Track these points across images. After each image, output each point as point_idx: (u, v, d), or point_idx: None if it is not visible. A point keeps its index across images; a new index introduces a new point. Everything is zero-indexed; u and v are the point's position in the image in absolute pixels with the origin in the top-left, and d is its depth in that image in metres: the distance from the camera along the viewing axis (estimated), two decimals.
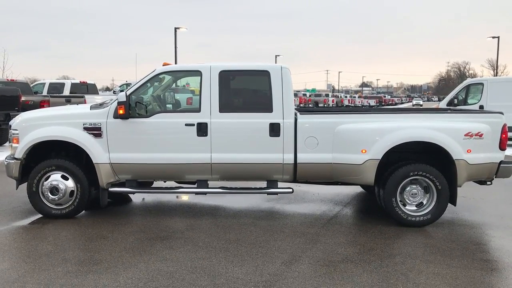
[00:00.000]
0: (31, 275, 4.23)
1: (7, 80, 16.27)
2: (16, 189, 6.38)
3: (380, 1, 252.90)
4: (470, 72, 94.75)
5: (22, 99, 14.00)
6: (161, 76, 6.37)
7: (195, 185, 6.25)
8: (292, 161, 5.94)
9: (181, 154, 5.94)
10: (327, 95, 51.03)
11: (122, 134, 5.98)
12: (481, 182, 6.14)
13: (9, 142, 6.37)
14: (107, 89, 62.48)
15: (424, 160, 5.91)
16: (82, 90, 19.24)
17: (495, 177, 6.00)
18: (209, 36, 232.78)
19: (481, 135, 5.75)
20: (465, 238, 5.44)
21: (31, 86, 17.38)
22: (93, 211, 6.46)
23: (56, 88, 19.24)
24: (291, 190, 6.14)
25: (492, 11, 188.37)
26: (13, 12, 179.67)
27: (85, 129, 5.99)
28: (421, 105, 60.51)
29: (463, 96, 15.67)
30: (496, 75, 47.58)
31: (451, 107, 12.04)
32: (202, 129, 5.91)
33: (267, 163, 5.93)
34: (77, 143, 5.97)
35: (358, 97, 63.24)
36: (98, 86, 24.89)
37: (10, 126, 6.36)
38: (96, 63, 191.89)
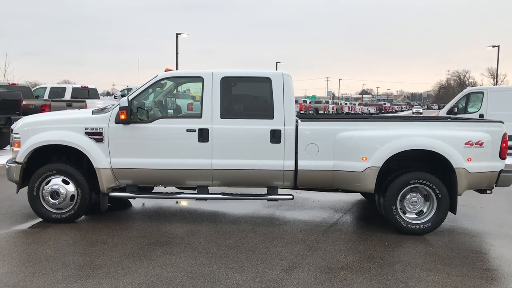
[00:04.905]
0: (31, 280, 4.23)
1: (9, 84, 16.28)
2: (17, 193, 6.39)
3: (381, 10, 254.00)
4: (470, 80, 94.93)
5: (24, 103, 14.01)
6: (163, 82, 6.39)
7: (196, 191, 6.25)
8: (293, 168, 5.95)
9: (182, 160, 5.95)
10: (327, 102, 51.09)
11: (123, 139, 5.99)
12: (481, 191, 6.14)
13: (10, 146, 6.38)
14: (108, 93, 62.53)
15: (424, 168, 5.92)
16: (83, 95, 19.24)
17: (495, 186, 6.00)
18: (211, 43, 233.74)
19: (481, 144, 5.76)
20: (465, 246, 5.44)
21: (32, 90, 17.39)
22: (93, 216, 6.46)
23: (57, 92, 19.23)
24: (291, 196, 6.14)
25: (492, 20, 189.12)
26: (15, 17, 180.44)
27: (87, 133, 6.00)
28: (421, 113, 60.61)
29: (463, 105, 15.68)
30: (496, 84, 47.67)
31: (451, 116, 12.06)
32: (203, 135, 5.92)
33: (267, 170, 5.94)
34: (78, 148, 5.98)
35: (358, 105, 63.37)
36: (99, 91, 24.90)
37: (12, 130, 6.37)
38: (98, 68, 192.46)
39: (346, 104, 56.09)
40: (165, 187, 6.82)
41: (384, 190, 5.84)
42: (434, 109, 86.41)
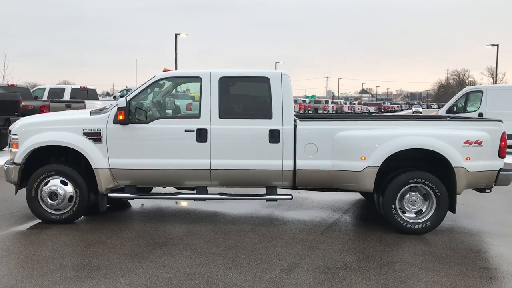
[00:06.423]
0: (29, 281, 4.22)
1: (8, 85, 16.27)
2: (15, 194, 6.37)
3: (381, 9, 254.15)
4: (469, 79, 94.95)
5: (22, 104, 13.99)
6: (161, 82, 6.38)
7: (194, 191, 6.25)
8: (292, 168, 5.94)
9: (180, 160, 5.94)
10: (326, 102, 51.08)
11: (121, 140, 5.98)
12: (481, 190, 6.13)
13: (9, 147, 6.37)
14: (107, 94, 62.52)
15: (424, 168, 5.91)
16: (82, 95, 19.21)
17: (495, 185, 6.00)
18: (209, 43, 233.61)
19: (480, 143, 5.76)
20: (465, 245, 5.43)
21: (31, 91, 17.37)
22: (92, 217, 6.45)
23: (56, 93, 19.21)
24: (290, 196, 6.13)
25: (491, 19, 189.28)
26: (14, 17, 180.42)
27: (85, 134, 5.99)
28: (421, 112, 60.61)
29: (463, 104, 15.67)
30: (496, 83, 47.68)
31: (450, 115, 12.06)
32: (201, 135, 5.91)
33: (266, 170, 5.93)
34: (76, 149, 5.97)
35: (358, 104, 63.35)
36: (98, 91, 24.88)
37: (10, 131, 6.36)
38: (97, 68, 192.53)
39: (345, 103, 56.04)
40: (163, 187, 6.81)
41: (383, 189, 5.84)
42: (434, 108, 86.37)
